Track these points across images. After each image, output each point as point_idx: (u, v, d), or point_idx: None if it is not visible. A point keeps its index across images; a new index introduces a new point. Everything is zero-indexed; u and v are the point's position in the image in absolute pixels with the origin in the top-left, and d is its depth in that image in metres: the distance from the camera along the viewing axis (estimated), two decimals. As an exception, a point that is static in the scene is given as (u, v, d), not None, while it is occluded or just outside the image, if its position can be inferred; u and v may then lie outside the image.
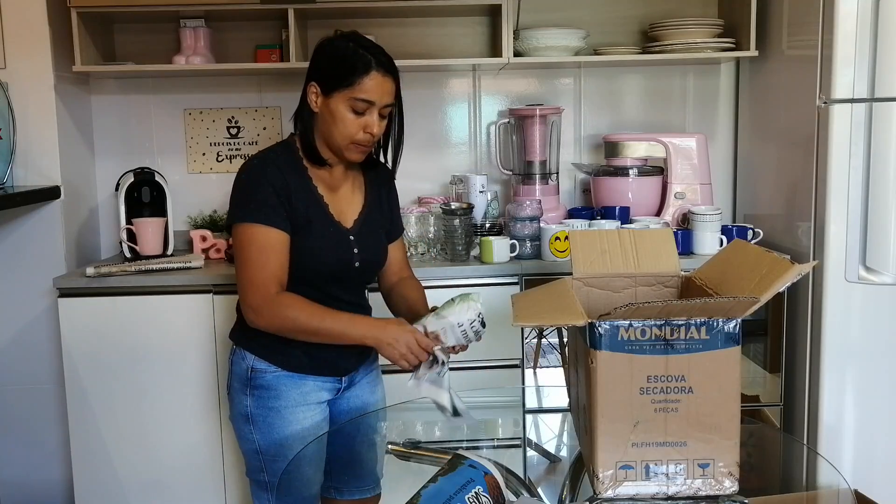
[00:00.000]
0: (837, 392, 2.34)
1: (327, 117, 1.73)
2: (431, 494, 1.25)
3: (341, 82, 1.70)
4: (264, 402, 1.80)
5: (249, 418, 1.81)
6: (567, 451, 1.77)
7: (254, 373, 1.80)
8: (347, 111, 1.71)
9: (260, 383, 1.80)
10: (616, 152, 2.83)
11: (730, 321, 1.26)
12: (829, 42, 2.25)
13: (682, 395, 1.27)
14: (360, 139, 1.74)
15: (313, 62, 1.77)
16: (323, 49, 1.76)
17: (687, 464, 1.29)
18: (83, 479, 2.53)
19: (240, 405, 1.83)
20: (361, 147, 1.76)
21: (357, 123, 1.72)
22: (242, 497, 2.55)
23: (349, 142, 1.74)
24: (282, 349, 1.77)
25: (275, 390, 1.79)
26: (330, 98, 1.72)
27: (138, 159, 2.93)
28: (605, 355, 1.26)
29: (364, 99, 1.70)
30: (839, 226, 2.28)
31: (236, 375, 1.84)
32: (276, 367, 1.80)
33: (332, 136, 1.74)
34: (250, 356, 1.81)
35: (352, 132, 1.72)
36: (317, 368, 1.82)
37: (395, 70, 1.76)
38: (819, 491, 1.67)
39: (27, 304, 2.71)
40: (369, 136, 1.74)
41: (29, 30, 2.60)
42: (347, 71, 1.69)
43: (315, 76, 1.75)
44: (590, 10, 2.97)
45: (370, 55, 1.71)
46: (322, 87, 1.73)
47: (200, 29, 2.78)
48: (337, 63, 1.71)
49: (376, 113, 1.73)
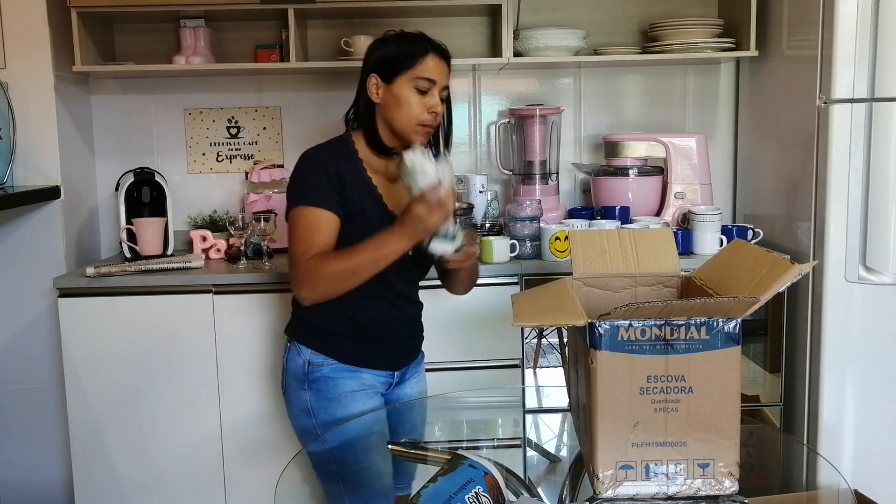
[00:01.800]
0: (837, 392, 2.34)
1: (391, 103, 1.81)
2: (431, 494, 1.26)
3: (402, 65, 1.79)
4: (324, 394, 1.84)
5: (311, 412, 1.85)
6: (567, 451, 1.77)
7: (311, 367, 1.85)
8: (412, 92, 1.80)
9: (317, 376, 1.84)
10: (616, 152, 2.83)
11: (730, 321, 1.26)
12: (829, 42, 2.25)
13: (682, 395, 1.27)
14: (425, 119, 1.81)
15: (369, 58, 1.86)
16: (380, 43, 1.87)
17: (687, 464, 1.29)
18: (83, 479, 2.53)
19: (299, 401, 1.87)
20: (426, 128, 1.82)
21: (421, 104, 1.80)
22: (242, 497, 2.55)
23: (415, 123, 1.81)
24: (338, 342, 1.84)
25: (333, 381, 1.84)
26: (392, 84, 1.81)
27: (138, 159, 2.93)
28: (605, 355, 1.26)
29: (427, 77, 1.79)
30: (839, 226, 2.28)
31: (292, 373, 1.88)
32: (332, 360, 1.84)
33: (398, 120, 1.81)
34: (306, 350, 1.86)
35: (417, 112, 1.80)
36: (372, 361, 1.87)
37: (448, 54, 1.85)
38: (819, 491, 1.67)
39: (27, 304, 2.71)
40: (433, 116, 1.82)
41: (29, 30, 2.60)
42: (408, 54, 1.80)
43: (374, 68, 1.84)
44: (590, 10, 2.97)
45: (423, 40, 1.83)
46: (383, 76, 1.82)
47: (200, 29, 2.78)
48: (396, 49, 1.82)
49: (437, 92, 1.81)
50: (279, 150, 3.00)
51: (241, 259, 2.58)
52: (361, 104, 1.87)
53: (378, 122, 1.85)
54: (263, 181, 2.82)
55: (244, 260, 2.58)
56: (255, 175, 2.82)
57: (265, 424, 2.51)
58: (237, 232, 2.58)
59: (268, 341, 2.49)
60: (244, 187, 2.94)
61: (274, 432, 2.51)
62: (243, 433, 2.52)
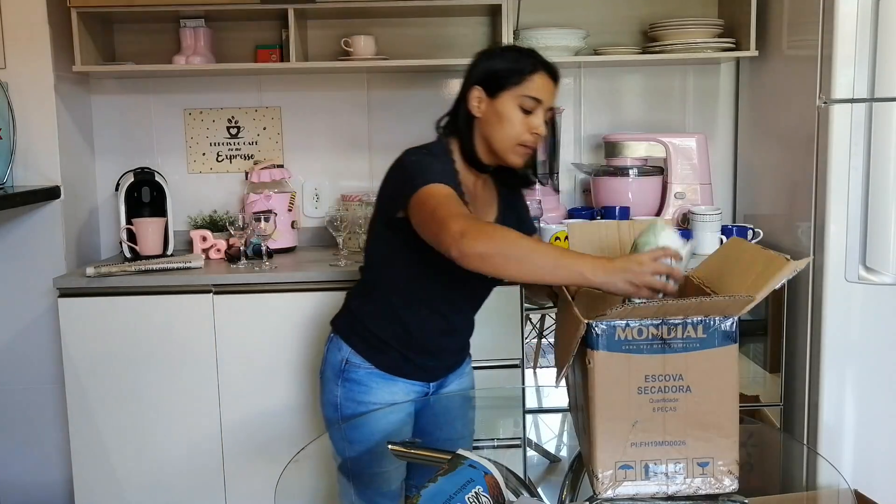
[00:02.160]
0: (837, 392, 2.34)
1: (493, 119, 1.73)
2: (431, 494, 1.26)
3: (509, 81, 1.71)
4: (354, 396, 1.83)
5: (338, 408, 1.85)
6: (567, 451, 1.77)
7: (347, 365, 1.84)
8: (515, 110, 1.71)
9: (352, 377, 1.83)
10: (616, 152, 2.83)
11: (726, 319, 1.26)
12: (829, 42, 2.25)
13: (681, 393, 1.27)
14: (526, 140, 1.73)
15: (476, 68, 1.78)
16: (487, 55, 1.79)
17: (686, 463, 1.29)
18: (83, 479, 2.53)
19: (330, 394, 1.87)
20: (526, 149, 1.75)
21: (524, 123, 1.72)
22: (242, 497, 2.55)
23: (515, 143, 1.73)
24: (382, 349, 1.81)
25: (366, 386, 1.83)
26: (497, 99, 1.73)
27: (138, 159, 2.93)
28: (602, 355, 1.26)
29: (533, 97, 1.71)
30: (839, 226, 2.28)
31: (329, 364, 1.88)
32: (370, 364, 1.83)
33: (498, 138, 1.73)
34: (347, 348, 1.84)
35: (519, 132, 1.72)
36: (409, 373, 1.85)
37: (558, 74, 1.77)
38: (819, 491, 1.67)
39: (27, 304, 2.72)
40: (535, 138, 1.74)
41: (29, 30, 2.60)
42: (516, 70, 1.71)
43: (479, 80, 1.75)
44: (590, 10, 2.97)
45: (535, 58, 1.75)
46: (487, 90, 1.74)
47: (200, 29, 2.78)
48: (506, 64, 1.73)
49: (542, 113, 1.73)
50: (279, 150, 3.00)
51: (241, 259, 2.58)
52: (461, 116, 1.78)
53: (476, 136, 1.77)
54: (263, 181, 2.82)
55: (244, 260, 2.58)
56: (255, 175, 2.82)
57: (265, 424, 2.51)
58: (237, 232, 2.58)
59: (268, 341, 2.48)
60: (244, 187, 2.94)
61: (274, 432, 2.51)
62: (243, 433, 2.52)
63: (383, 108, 3.00)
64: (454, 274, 1.73)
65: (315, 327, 2.46)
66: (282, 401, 2.50)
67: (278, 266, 2.55)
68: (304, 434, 2.47)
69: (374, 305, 1.82)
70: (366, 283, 1.88)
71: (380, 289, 1.83)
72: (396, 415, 1.85)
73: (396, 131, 3.00)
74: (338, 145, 3.01)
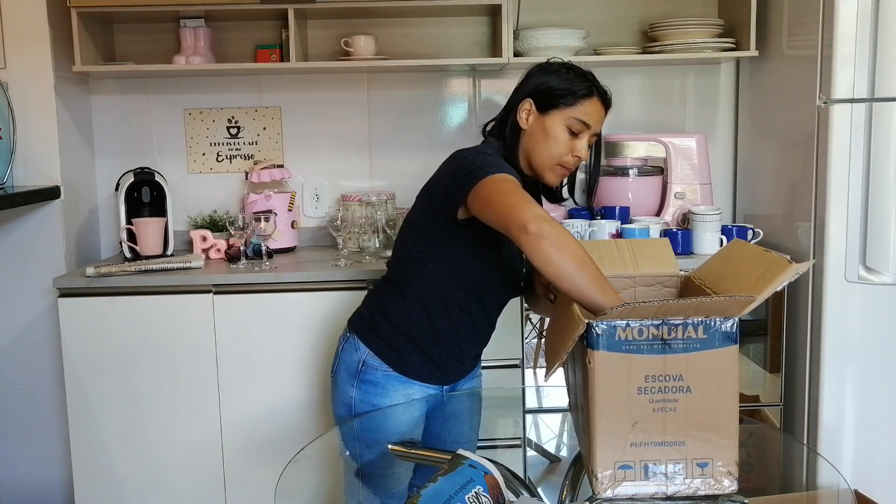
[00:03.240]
0: (837, 392, 2.34)
1: (538, 135, 1.75)
2: (431, 494, 1.26)
3: (563, 100, 1.73)
4: (369, 398, 1.82)
5: (352, 408, 1.84)
6: (567, 451, 1.77)
7: (364, 367, 1.82)
8: (562, 130, 1.74)
9: (368, 378, 1.82)
10: (616, 152, 2.83)
11: (727, 320, 1.26)
12: (829, 42, 2.25)
13: (681, 394, 1.27)
14: (566, 161, 1.75)
15: (530, 80, 1.80)
16: (544, 69, 1.80)
17: (686, 463, 1.29)
18: (83, 479, 2.53)
19: (344, 395, 1.85)
20: (564, 170, 1.78)
21: (568, 144, 1.74)
22: (243, 497, 2.55)
23: (555, 162, 1.75)
24: (401, 349, 1.80)
25: (382, 388, 1.82)
26: (546, 115, 1.75)
27: (138, 159, 2.94)
28: (602, 355, 1.26)
29: (582, 120, 1.73)
30: (839, 226, 2.28)
31: (344, 364, 1.86)
32: (387, 366, 1.81)
33: (540, 154, 1.76)
34: (364, 349, 1.82)
35: (561, 152, 1.74)
36: (427, 375, 1.84)
37: (610, 102, 1.81)
38: (819, 491, 1.67)
39: (27, 304, 2.72)
40: (576, 160, 1.76)
41: (29, 30, 2.60)
42: (571, 91, 1.73)
43: (532, 94, 1.77)
44: (590, 10, 2.97)
45: (591, 81, 1.77)
46: (538, 105, 1.76)
47: (200, 29, 2.78)
48: (562, 83, 1.75)
49: (587, 138, 1.76)
50: (279, 150, 3.00)
51: (241, 259, 2.58)
52: (509, 125, 1.80)
53: (519, 147, 1.79)
54: (263, 181, 2.82)
55: (244, 260, 2.58)
56: (255, 175, 2.82)
57: (265, 424, 2.51)
58: (237, 232, 2.58)
59: (268, 341, 2.49)
60: (244, 187, 2.94)
61: (274, 432, 2.51)
62: (243, 433, 2.52)
63: (383, 108, 3.00)
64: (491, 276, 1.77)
65: (315, 327, 2.47)
66: (282, 401, 2.50)
67: (278, 266, 2.55)
68: (304, 434, 2.47)
69: (403, 302, 1.80)
70: (396, 280, 1.86)
71: (413, 285, 1.80)
72: (409, 416, 1.84)
73: (396, 131, 3.00)
74: (338, 145, 3.01)
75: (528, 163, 1.79)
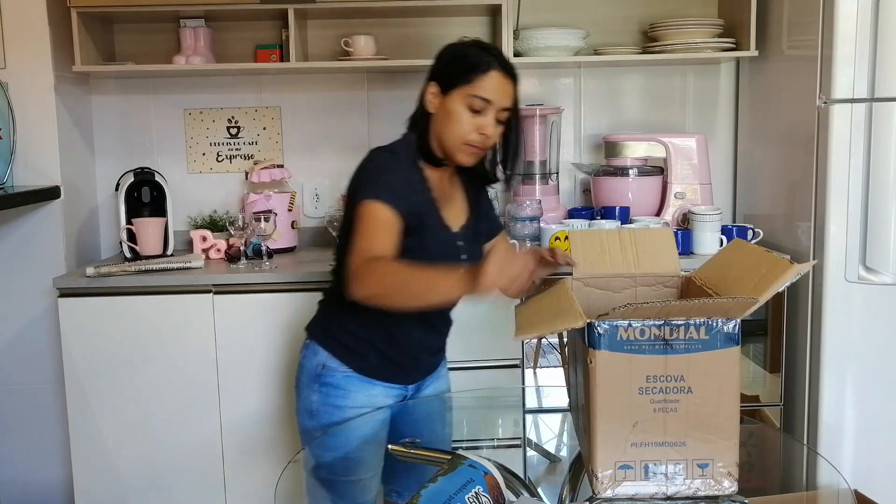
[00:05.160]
0: (837, 392, 2.34)
1: (443, 116, 1.73)
2: (431, 494, 1.26)
3: (461, 79, 1.70)
4: (331, 401, 1.80)
5: (314, 414, 1.82)
6: (567, 451, 1.77)
7: (324, 370, 1.81)
8: (464, 109, 1.70)
9: (329, 381, 1.80)
10: (616, 152, 2.83)
11: (729, 321, 1.26)
12: (829, 42, 2.25)
13: (682, 395, 1.27)
14: (473, 139, 1.72)
15: (435, 63, 1.78)
16: (446, 50, 1.78)
17: (686, 464, 1.29)
18: (83, 479, 2.53)
19: (306, 400, 1.84)
20: (474, 149, 1.74)
21: (472, 123, 1.71)
22: (242, 497, 2.55)
23: (462, 142, 1.72)
24: (360, 351, 1.79)
25: (343, 390, 1.80)
26: (448, 96, 1.72)
27: (138, 159, 2.93)
28: (604, 355, 1.26)
29: (482, 97, 1.69)
30: (839, 226, 2.28)
31: (305, 370, 1.84)
32: (347, 367, 1.80)
33: (446, 136, 1.73)
34: (324, 353, 1.81)
35: (466, 131, 1.71)
36: (388, 375, 1.83)
37: (516, 75, 1.75)
38: (819, 491, 1.67)
39: (27, 304, 2.71)
40: (482, 138, 1.72)
41: (29, 30, 2.60)
42: (468, 68, 1.70)
43: (435, 76, 1.75)
44: (590, 10, 2.97)
45: (492, 55, 1.72)
46: (441, 86, 1.73)
47: (200, 29, 2.78)
48: (459, 61, 1.72)
49: (492, 114, 1.71)
50: (279, 150, 3.00)
51: (241, 259, 2.58)
52: (418, 110, 1.80)
53: (431, 132, 1.77)
54: (263, 181, 2.82)
55: (244, 260, 2.58)
56: (255, 175, 2.82)
57: (265, 424, 2.51)
58: (237, 232, 2.58)
59: (268, 341, 2.48)
60: (244, 187, 2.94)
61: (274, 432, 2.51)
62: (243, 433, 2.52)
63: (383, 108, 3.00)
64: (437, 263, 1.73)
65: (315, 327, 2.46)
66: (282, 401, 2.50)
67: (278, 266, 2.55)
68: (304, 434, 2.47)
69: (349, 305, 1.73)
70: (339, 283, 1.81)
71: None
72: (372, 421, 1.83)
73: (396, 131, 2.98)
74: (338, 145, 3.01)
75: (440, 146, 1.77)
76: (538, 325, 1.41)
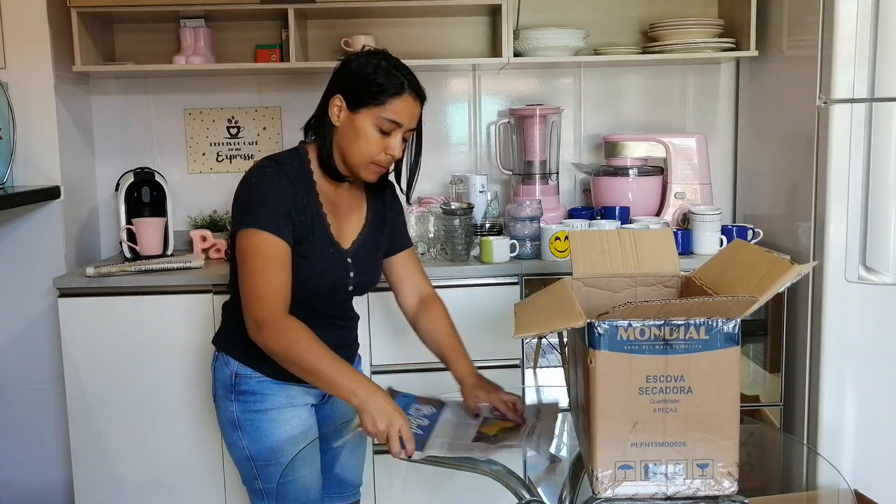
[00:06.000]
0: (837, 392, 2.34)
1: (350, 133, 1.69)
2: None
3: (371, 99, 1.66)
4: (250, 407, 1.76)
5: (237, 424, 1.77)
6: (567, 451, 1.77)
7: (238, 378, 1.77)
8: (373, 130, 1.67)
9: (245, 388, 1.76)
10: (616, 152, 2.83)
11: (729, 321, 1.26)
12: (829, 42, 2.25)
13: (682, 395, 1.27)
14: (380, 159, 1.69)
15: (339, 75, 1.72)
16: (352, 63, 1.71)
17: (686, 464, 1.29)
18: (83, 479, 2.53)
19: (226, 412, 1.79)
20: (379, 168, 1.72)
21: (380, 143, 1.68)
22: (242, 498, 2.55)
23: (369, 161, 1.69)
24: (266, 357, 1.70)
25: (260, 395, 1.76)
26: (356, 114, 1.68)
27: (138, 159, 2.93)
28: (604, 355, 1.26)
29: (393, 120, 1.67)
30: (839, 226, 2.28)
31: (220, 382, 1.80)
32: (259, 373, 1.76)
33: (352, 152, 1.69)
34: (234, 362, 1.77)
35: (373, 151, 1.68)
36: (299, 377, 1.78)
37: (424, 96, 1.74)
38: (819, 491, 1.67)
39: (27, 304, 2.71)
40: (389, 158, 1.70)
41: (29, 30, 2.60)
42: (379, 89, 1.66)
43: (341, 89, 1.70)
44: (590, 10, 2.97)
45: (403, 77, 1.69)
46: (348, 102, 1.68)
47: (200, 29, 2.78)
48: (369, 79, 1.67)
49: (400, 135, 1.69)
50: (279, 150, 2.99)
51: (241, 259, 2.58)
52: (322, 121, 1.74)
53: (334, 145, 1.72)
54: (263, 181, 2.81)
55: (244, 260, 2.58)
56: (255, 175, 2.82)
57: (265, 424, 2.51)
58: (237, 232, 2.57)
59: (268, 341, 2.48)
60: (244, 187, 2.93)
61: (274, 432, 2.51)
62: (243, 433, 2.52)
63: (383, 108, 2.99)
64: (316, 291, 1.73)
65: (315, 327, 2.46)
66: (282, 401, 2.50)
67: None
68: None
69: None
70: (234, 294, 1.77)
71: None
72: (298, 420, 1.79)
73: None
74: (338, 145, 3.00)
75: (342, 160, 1.73)
76: (538, 324, 1.41)
